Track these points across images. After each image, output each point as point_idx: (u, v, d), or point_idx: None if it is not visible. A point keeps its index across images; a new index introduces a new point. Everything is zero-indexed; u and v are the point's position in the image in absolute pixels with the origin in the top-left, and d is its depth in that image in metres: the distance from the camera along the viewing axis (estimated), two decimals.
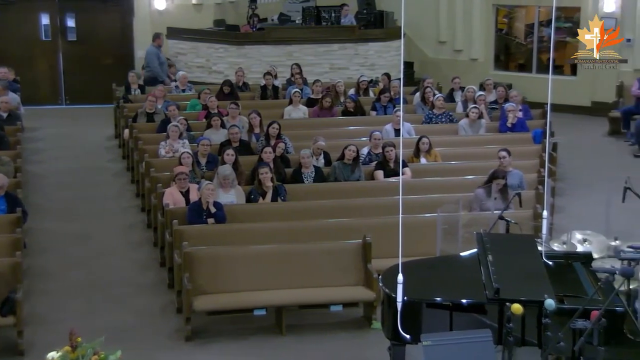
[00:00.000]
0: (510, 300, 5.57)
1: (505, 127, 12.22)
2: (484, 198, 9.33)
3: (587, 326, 5.19)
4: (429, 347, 5.20)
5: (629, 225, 8.28)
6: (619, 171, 10.93)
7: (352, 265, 8.20)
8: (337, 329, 8.00)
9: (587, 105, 16.06)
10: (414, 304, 5.94)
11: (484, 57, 17.51)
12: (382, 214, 9.02)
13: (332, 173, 10.35)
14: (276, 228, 8.84)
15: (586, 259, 6.70)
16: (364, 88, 14.30)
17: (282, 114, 13.00)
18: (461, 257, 6.89)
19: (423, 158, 10.92)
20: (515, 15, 18.33)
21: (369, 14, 17.03)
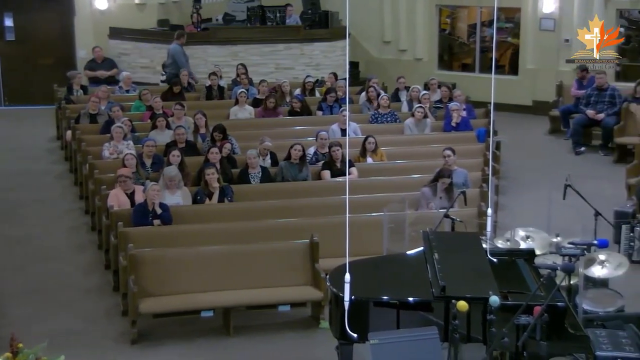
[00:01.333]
0: (456, 298, 5.64)
1: (450, 126, 12.38)
2: (429, 197, 9.43)
3: (530, 322, 5.30)
4: (377, 345, 5.24)
5: (569, 221, 8.44)
6: (559, 169, 11.18)
7: (300, 265, 8.20)
8: (285, 329, 7.99)
9: (528, 104, 16.35)
10: (361, 303, 5.97)
11: (428, 57, 17.69)
12: (329, 213, 9.05)
13: (279, 173, 10.35)
14: (223, 229, 8.79)
15: (529, 255, 6.81)
16: (309, 88, 14.32)
17: (227, 114, 12.94)
18: (408, 256, 6.95)
19: (369, 157, 10.98)
20: (458, 15, 18.56)
21: (314, 14, 17.06)
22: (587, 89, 14.03)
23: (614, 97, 13.58)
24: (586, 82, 14.30)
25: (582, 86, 14.31)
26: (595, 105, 13.64)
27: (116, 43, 16.82)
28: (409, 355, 5.22)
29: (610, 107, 13.53)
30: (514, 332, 5.50)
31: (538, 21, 16.13)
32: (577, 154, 13.67)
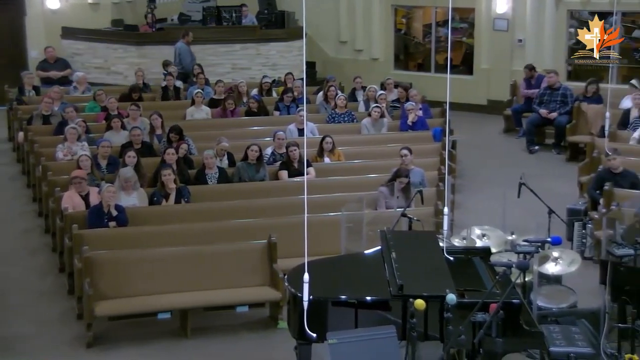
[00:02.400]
0: (413, 296, 5.68)
1: (406, 126, 12.46)
2: (387, 196, 9.48)
3: (486, 319, 5.35)
4: (335, 345, 5.25)
5: (524, 219, 8.57)
6: (514, 167, 11.33)
7: (258, 266, 8.18)
8: (243, 330, 7.97)
9: (483, 103, 16.54)
10: (320, 303, 5.97)
11: (384, 57, 17.79)
12: (286, 213, 9.04)
13: (236, 173, 10.31)
14: (180, 230, 8.73)
15: (485, 253, 6.90)
16: (266, 88, 14.30)
17: (184, 115, 12.85)
18: (365, 255, 6.98)
19: (327, 157, 11.00)
20: (413, 15, 18.71)
21: (270, 14, 17.04)
22: (536, 88, 14.24)
23: (566, 96, 13.80)
24: (534, 82, 14.51)
25: (531, 85, 14.52)
26: (548, 105, 13.84)
27: (69, 43, 16.59)
28: (367, 354, 5.24)
29: (563, 106, 13.74)
30: (470, 330, 5.56)
31: (492, 21, 16.33)
32: (531, 153, 13.87)
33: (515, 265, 5.85)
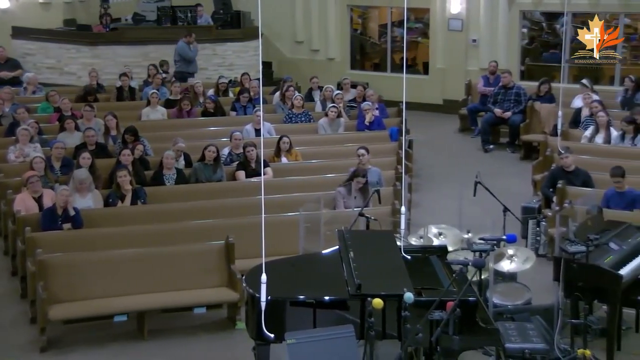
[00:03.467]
0: (371, 295, 5.70)
1: (363, 126, 12.51)
2: (345, 196, 9.51)
3: (443, 317, 5.40)
4: (293, 345, 5.25)
5: (479, 218, 8.66)
6: (470, 166, 11.45)
7: (215, 267, 8.15)
8: (200, 332, 7.92)
9: (439, 103, 16.68)
10: (278, 303, 5.97)
11: (341, 57, 17.83)
12: (244, 214, 9.01)
13: (193, 174, 10.25)
14: (137, 231, 8.65)
15: (442, 252, 6.96)
16: (223, 89, 14.23)
17: (139, 115, 12.73)
18: (323, 255, 6.99)
19: (284, 157, 10.99)
20: (369, 15, 18.79)
21: (226, 14, 16.97)
22: (494, 86, 14.41)
23: (519, 95, 13.99)
24: (493, 80, 14.68)
25: (489, 83, 14.69)
26: (502, 104, 14.02)
27: (20, 43, 16.32)
28: (326, 353, 5.25)
29: (516, 106, 13.93)
30: (427, 328, 5.60)
31: (446, 22, 16.47)
32: (486, 152, 14.03)
33: (471, 264, 5.92)
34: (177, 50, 15.26)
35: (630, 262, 7.24)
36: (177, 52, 15.26)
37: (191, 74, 15.21)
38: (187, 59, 15.19)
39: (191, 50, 15.22)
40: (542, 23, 17.68)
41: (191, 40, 15.22)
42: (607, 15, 16.40)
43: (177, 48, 15.26)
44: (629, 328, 7.50)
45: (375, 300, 5.52)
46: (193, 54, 15.26)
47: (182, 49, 15.17)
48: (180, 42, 15.23)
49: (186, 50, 15.18)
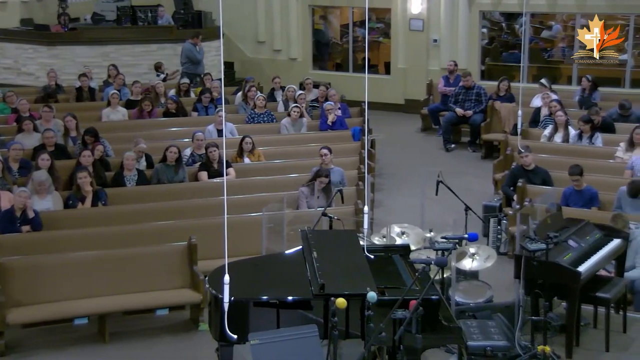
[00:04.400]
0: (334, 295, 5.71)
1: (326, 125, 12.53)
2: (307, 196, 9.51)
3: (406, 316, 5.43)
4: (257, 345, 5.23)
5: (442, 216, 8.72)
6: (432, 165, 11.51)
7: (178, 268, 8.10)
8: (163, 333, 7.87)
9: (401, 102, 16.77)
10: (241, 304, 5.95)
11: (303, 57, 17.84)
12: (207, 214, 8.97)
13: (155, 175, 10.17)
14: (97, 233, 8.55)
15: (404, 251, 6.99)
16: (184, 89, 14.15)
17: (100, 116, 12.59)
18: (287, 255, 6.98)
19: (246, 158, 10.96)
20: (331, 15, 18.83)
21: (187, 14, 16.89)
22: (454, 86, 14.53)
23: (480, 95, 14.13)
24: (453, 80, 14.81)
25: (449, 83, 14.81)
26: (463, 104, 14.14)
27: None
28: (289, 353, 5.24)
29: (477, 105, 14.06)
30: (390, 327, 5.62)
31: (407, 22, 16.57)
32: (448, 151, 14.14)
33: (434, 262, 5.95)
34: (184, 52, 15.24)
35: (588, 259, 7.37)
36: (184, 54, 15.23)
37: (199, 75, 15.17)
38: (194, 60, 15.15)
39: (198, 51, 15.20)
40: (501, 23, 17.90)
41: (198, 42, 15.22)
42: (564, 15, 16.68)
43: (184, 49, 15.24)
44: (587, 324, 7.61)
45: (338, 300, 5.52)
46: (200, 56, 15.24)
47: (189, 51, 15.14)
48: (187, 44, 15.23)
49: (193, 51, 15.16)
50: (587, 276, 7.21)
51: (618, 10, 15.47)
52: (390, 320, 5.57)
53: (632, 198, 8.97)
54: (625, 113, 12.30)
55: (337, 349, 5.50)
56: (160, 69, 15.06)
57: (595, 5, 15.19)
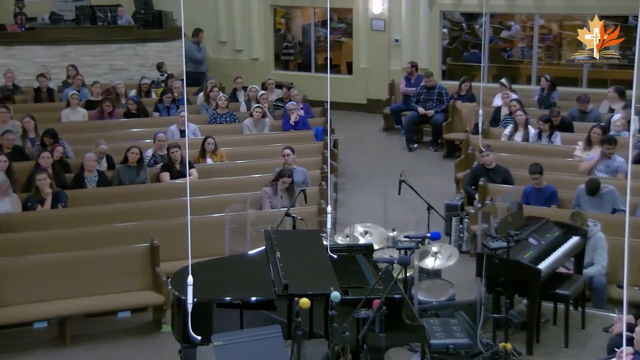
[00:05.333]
0: (298, 295, 5.71)
1: (288, 126, 12.53)
2: (271, 196, 9.50)
3: (370, 315, 5.45)
4: (220, 347, 5.22)
5: (404, 216, 8.78)
6: (394, 165, 11.58)
7: (140, 270, 8.04)
8: (125, 336, 7.80)
9: (363, 102, 16.81)
10: (204, 305, 5.92)
11: (264, 57, 17.80)
12: (169, 215, 8.92)
13: (116, 176, 10.08)
14: (57, 236, 8.45)
15: (367, 250, 7.02)
16: (145, 89, 14.04)
17: (59, 117, 12.43)
18: (250, 256, 6.98)
19: (209, 158, 10.92)
20: (292, 15, 18.82)
21: (147, 14, 16.74)
22: (415, 86, 14.62)
23: (441, 95, 14.23)
24: (414, 80, 14.89)
25: (411, 84, 14.90)
26: (425, 103, 14.23)
27: None
28: (253, 354, 5.23)
29: (439, 105, 14.16)
30: (354, 326, 5.64)
31: (369, 22, 16.62)
32: (410, 150, 14.22)
33: (397, 261, 5.99)
34: (186, 52, 15.12)
35: (548, 256, 7.47)
36: (186, 54, 15.12)
37: (202, 74, 15.06)
38: (194, 59, 15.08)
39: (199, 50, 15.13)
40: (462, 23, 18.05)
41: (200, 40, 15.12)
42: (523, 16, 16.88)
43: (186, 49, 15.12)
44: (547, 321, 7.71)
45: (302, 300, 5.53)
46: (201, 55, 15.15)
47: (189, 50, 15.10)
48: (189, 43, 15.18)
49: (192, 51, 15.09)
50: (547, 273, 7.31)
51: (576, 11, 15.71)
52: (354, 320, 5.58)
53: (590, 196, 9.10)
54: (584, 107, 12.46)
55: (301, 349, 5.50)
56: (162, 69, 15.02)
57: (553, 5, 15.40)
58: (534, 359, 7.06)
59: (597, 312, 7.87)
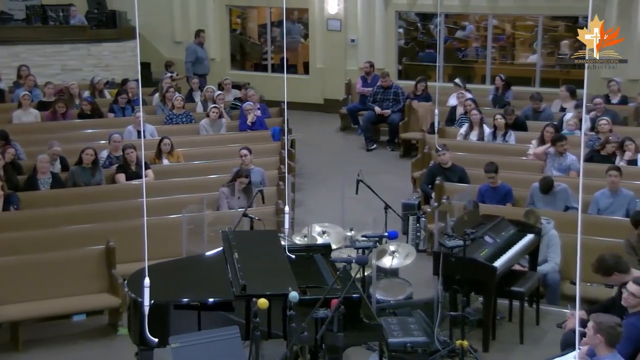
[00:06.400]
0: (256, 296, 5.70)
1: (245, 126, 12.49)
2: (228, 196, 9.46)
3: (328, 315, 5.46)
4: (177, 348, 5.18)
5: (362, 215, 8.80)
6: (352, 165, 11.60)
7: (95, 272, 7.94)
8: (81, 339, 7.69)
9: (320, 102, 16.83)
10: (161, 307, 5.88)
11: (221, 57, 17.70)
12: (125, 217, 8.83)
13: (70, 178, 9.95)
14: (9, 238, 8.29)
15: (325, 250, 7.04)
16: (99, 89, 13.87)
17: (10, 118, 12.22)
18: (207, 257, 6.94)
19: (165, 159, 10.84)
20: (248, 15, 18.76)
21: (100, 13, 16.54)
22: (372, 86, 14.69)
23: (397, 94, 14.31)
24: (370, 80, 14.96)
25: (367, 83, 14.96)
26: (381, 103, 14.30)
27: None
28: (211, 356, 5.20)
29: (395, 105, 14.24)
30: (312, 326, 5.64)
31: (325, 22, 16.65)
32: (368, 150, 14.28)
33: (354, 261, 6.01)
34: (187, 52, 15.21)
35: (503, 254, 7.56)
36: (188, 54, 15.20)
37: (202, 76, 15.00)
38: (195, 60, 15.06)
39: (201, 50, 15.13)
40: (417, 23, 18.18)
41: (202, 41, 15.15)
42: (477, 16, 17.08)
43: (187, 50, 15.22)
44: (502, 318, 7.81)
45: (260, 301, 5.52)
46: (202, 55, 15.11)
47: (193, 51, 15.12)
48: (192, 44, 15.24)
49: (193, 51, 15.10)
50: (503, 271, 7.40)
51: (527, 12, 15.94)
52: (312, 320, 5.59)
53: (543, 194, 9.25)
54: (537, 106, 12.64)
55: (259, 349, 5.49)
56: (170, 68, 14.98)
57: (506, 6, 15.60)
58: (490, 355, 7.14)
59: (551, 309, 7.99)
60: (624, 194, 9.05)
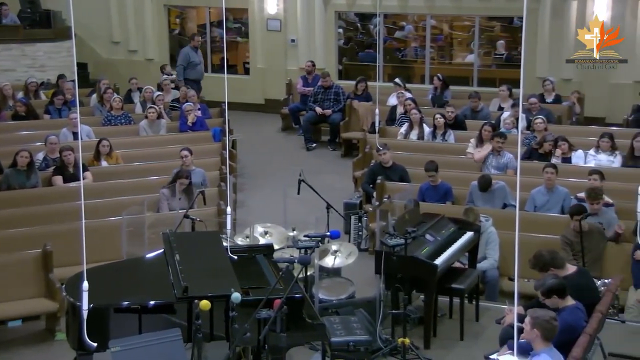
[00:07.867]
0: (198, 297, 5.66)
1: (186, 127, 12.38)
2: (169, 198, 9.38)
3: (271, 315, 5.45)
4: (118, 352, 5.10)
5: (304, 215, 8.81)
6: (293, 165, 11.63)
7: (32, 277, 7.79)
8: (17, 346, 7.52)
9: (261, 102, 16.79)
10: (101, 311, 5.79)
11: (159, 58, 17.50)
12: (63, 220, 8.68)
13: (5, 181, 9.73)
14: None
15: (268, 250, 7.03)
16: (33, 90, 13.58)
17: None
18: (148, 259, 6.86)
19: (104, 161, 10.68)
20: (187, 16, 18.61)
21: (34, 13, 16.20)
22: (313, 86, 14.71)
23: (338, 94, 14.36)
24: (311, 80, 14.99)
25: (308, 83, 14.98)
26: (322, 103, 14.34)
27: None
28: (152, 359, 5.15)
29: (336, 104, 14.29)
30: (255, 327, 5.63)
31: (265, 22, 16.61)
32: (309, 150, 14.30)
33: (297, 261, 6.01)
34: (181, 56, 14.88)
35: (444, 252, 7.65)
36: (181, 58, 14.84)
37: (194, 81, 14.66)
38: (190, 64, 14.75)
39: (190, 58, 14.75)
40: (356, 23, 18.29)
41: (196, 45, 14.84)
42: (415, 16, 17.27)
43: (181, 53, 14.90)
44: (443, 315, 7.90)
45: (202, 302, 5.48)
46: (195, 59, 14.79)
47: (186, 54, 14.78)
48: (187, 48, 14.91)
49: (182, 54, 14.82)
50: (443, 269, 7.50)
51: (464, 12, 16.20)
52: (255, 320, 5.58)
53: (482, 192, 9.39)
54: (475, 104, 12.84)
55: (202, 351, 5.45)
56: (165, 70, 14.75)
57: (443, 6, 15.79)
58: (431, 352, 7.22)
59: (490, 305, 8.12)
60: (559, 191, 9.26)
